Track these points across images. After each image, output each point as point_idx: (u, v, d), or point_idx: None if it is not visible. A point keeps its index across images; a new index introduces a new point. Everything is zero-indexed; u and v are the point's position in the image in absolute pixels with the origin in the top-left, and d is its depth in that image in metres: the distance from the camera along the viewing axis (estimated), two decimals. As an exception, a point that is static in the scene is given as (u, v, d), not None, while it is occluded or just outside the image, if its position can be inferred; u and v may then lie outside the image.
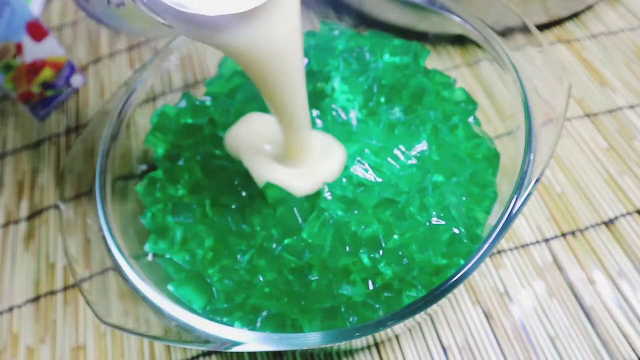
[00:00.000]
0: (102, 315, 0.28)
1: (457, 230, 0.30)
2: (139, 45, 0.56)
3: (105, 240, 0.30)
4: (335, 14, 0.45)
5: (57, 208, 0.45)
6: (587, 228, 0.38)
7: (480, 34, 0.35)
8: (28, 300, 0.41)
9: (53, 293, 0.41)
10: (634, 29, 0.48)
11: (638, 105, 0.43)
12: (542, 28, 0.49)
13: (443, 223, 0.30)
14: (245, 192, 0.34)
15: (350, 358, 0.35)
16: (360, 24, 0.45)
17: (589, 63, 0.47)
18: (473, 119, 0.36)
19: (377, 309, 0.28)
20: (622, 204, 0.38)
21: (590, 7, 0.50)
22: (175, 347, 0.36)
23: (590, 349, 0.33)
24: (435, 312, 0.35)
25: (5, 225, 0.45)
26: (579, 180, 0.40)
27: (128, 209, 0.35)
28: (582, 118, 0.43)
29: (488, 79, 0.37)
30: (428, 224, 0.30)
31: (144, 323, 0.27)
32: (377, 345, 0.35)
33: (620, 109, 0.43)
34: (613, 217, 0.38)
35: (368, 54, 0.39)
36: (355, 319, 0.28)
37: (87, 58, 0.56)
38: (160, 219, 0.35)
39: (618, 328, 0.33)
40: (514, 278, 0.36)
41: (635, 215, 0.38)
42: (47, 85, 0.50)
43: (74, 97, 0.53)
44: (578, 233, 0.38)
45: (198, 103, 0.40)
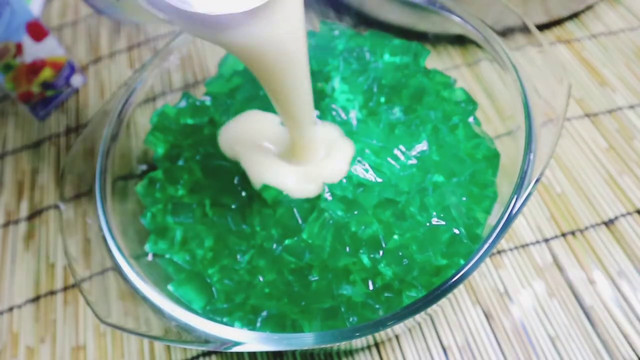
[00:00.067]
0: (102, 315, 0.28)
1: (457, 231, 0.30)
2: (139, 45, 0.56)
3: (105, 240, 0.30)
4: (335, 14, 0.46)
5: (57, 208, 0.45)
6: (587, 228, 0.38)
7: (480, 34, 0.35)
8: (28, 300, 0.41)
9: (53, 293, 0.41)
10: (634, 29, 0.48)
11: (638, 105, 0.43)
12: (542, 28, 0.49)
13: (443, 223, 0.30)
14: (245, 192, 0.34)
15: (350, 358, 0.35)
16: (360, 24, 0.45)
17: (589, 63, 0.47)
18: (473, 119, 0.36)
19: (377, 309, 0.28)
20: (622, 204, 0.38)
21: (590, 7, 0.50)
22: (175, 347, 0.36)
23: (590, 349, 0.33)
24: (435, 312, 0.35)
25: (5, 225, 0.45)
26: (579, 180, 0.40)
27: (128, 209, 0.35)
28: (582, 118, 0.43)
29: (488, 79, 0.37)
30: (428, 224, 0.30)
31: (144, 323, 0.27)
32: (377, 345, 0.35)
33: (620, 109, 0.43)
34: (613, 217, 0.38)
35: (368, 54, 0.39)
36: (355, 319, 0.28)
37: (87, 58, 0.56)
38: (160, 219, 0.35)
39: (618, 328, 0.33)
40: (514, 278, 0.36)
41: (635, 215, 0.38)
42: (47, 85, 0.50)
43: (74, 97, 0.53)
44: (578, 233, 0.38)
45: (198, 103, 0.40)
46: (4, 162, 0.50)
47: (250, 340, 0.25)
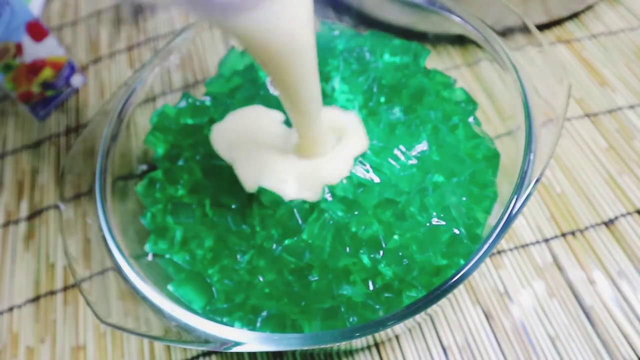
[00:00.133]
0: (102, 315, 0.28)
1: (457, 231, 0.30)
2: (139, 45, 0.56)
3: (105, 240, 0.30)
4: (335, 14, 0.45)
5: (57, 208, 0.45)
6: (587, 228, 0.38)
7: (480, 34, 0.35)
8: (28, 300, 0.41)
9: (53, 293, 0.41)
10: (634, 29, 0.48)
11: (638, 105, 0.43)
12: (542, 28, 0.49)
13: (443, 223, 0.30)
14: (245, 192, 0.34)
15: (350, 358, 0.35)
16: (360, 24, 0.45)
17: (589, 63, 0.47)
18: (473, 119, 0.36)
19: (377, 310, 0.28)
20: (622, 204, 0.38)
21: (590, 7, 0.50)
22: (175, 347, 0.36)
23: (590, 349, 0.33)
24: (435, 312, 0.35)
25: (5, 225, 0.45)
26: (579, 180, 0.40)
27: (128, 209, 0.35)
28: (582, 118, 0.43)
29: (488, 79, 0.37)
30: (428, 225, 0.30)
31: (144, 323, 0.27)
32: (377, 345, 0.35)
33: (620, 109, 0.43)
34: (613, 217, 0.38)
35: (368, 54, 0.39)
36: (355, 319, 0.28)
37: (87, 58, 0.56)
38: (160, 219, 0.35)
39: (618, 328, 0.33)
40: (514, 278, 0.36)
41: (635, 215, 0.38)
42: (47, 85, 0.50)
43: (74, 97, 0.53)
44: (578, 233, 0.38)
45: (198, 103, 0.40)
46: (4, 162, 0.50)
47: (250, 340, 0.25)
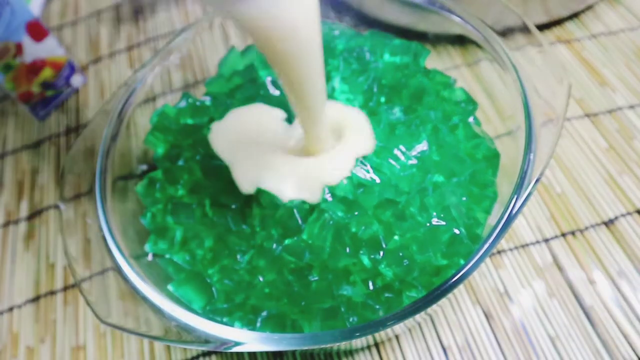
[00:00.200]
0: (102, 315, 0.28)
1: (457, 231, 0.30)
2: (139, 45, 0.56)
3: (105, 240, 0.30)
4: (335, 14, 0.45)
5: (57, 208, 0.45)
6: (587, 228, 0.38)
7: (480, 34, 0.35)
8: (28, 300, 0.41)
9: (53, 293, 0.41)
10: (634, 29, 0.48)
11: (638, 105, 0.43)
12: (542, 28, 0.49)
13: (443, 224, 0.30)
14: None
15: (350, 358, 0.35)
16: (360, 24, 0.45)
17: (589, 63, 0.47)
18: (473, 119, 0.36)
19: (377, 310, 0.28)
20: (622, 204, 0.38)
21: (590, 7, 0.50)
22: (175, 347, 0.36)
23: (590, 349, 0.33)
24: (435, 312, 0.35)
25: (5, 225, 0.45)
26: (579, 180, 0.40)
27: (128, 209, 0.35)
28: (582, 118, 0.43)
29: (488, 79, 0.37)
30: (428, 225, 0.30)
31: (144, 323, 0.27)
32: (377, 345, 0.35)
33: (620, 109, 0.43)
34: (613, 217, 0.38)
35: (368, 54, 0.39)
36: (355, 319, 0.28)
37: (87, 58, 0.56)
38: (160, 219, 0.35)
39: (618, 328, 0.33)
40: (514, 278, 0.36)
41: (635, 215, 0.38)
42: (47, 85, 0.50)
43: (74, 97, 0.53)
44: (578, 233, 0.38)
45: (198, 103, 0.40)
46: (4, 162, 0.50)
47: (250, 340, 0.25)
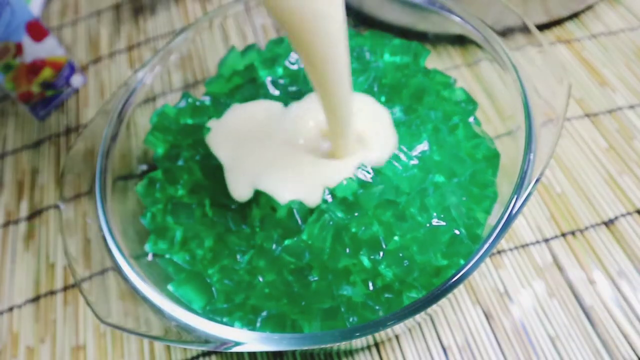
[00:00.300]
0: (102, 315, 0.28)
1: (457, 231, 0.30)
2: (139, 45, 0.56)
3: (105, 240, 0.30)
4: (335, 14, 0.45)
5: (57, 208, 0.45)
6: (587, 228, 0.38)
7: (480, 34, 0.35)
8: (28, 300, 0.41)
9: (53, 293, 0.41)
10: (634, 29, 0.48)
11: (638, 105, 0.43)
12: (542, 28, 0.49)
13: (443, 224, 0.30)
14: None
15: (350, 358, 0.35)
16: (360, 24, 0.45)
17: (589, 63, 0.47)
18: (473, 119, 0.36)
19: (377, 310, 0.28)
20: (622, 204, 0.38)
21: (590, 7, 0.50)
22: (175, 347, 0.36)
23: (590, 349, 0.33)
24: (435, 312, 0.35)
25: (5, 225, 0.45)
26: (579, 180, 0.40)
27: (128, 209, 0.35)
28: (582, 118, 0.43)
29: (488, 79, 0.37)
30: (428, 225, 0.30)
31: (144, 323, 0.27)
32: (377, 345, 0.35)
33: (620, 109, 0.43)
34: (613, 217, 0.38)
35: (368, 54, 0.39)
36: (355, 320, 0.28)
37: (87, 58, 0.56)
38: (160, 219, 0.35)
39: (618, 328, 0.33)
40: (514, 278, 0.36)
41: (635, 215, 0.38)
42: (47, 85, 0.50)
43: (74, 97, 0.53)
44: (578, 233, 0.38)
45: (198, 103, 0.40)
46: (4, 162, 0.50)
47: (250, 340, 0.25)
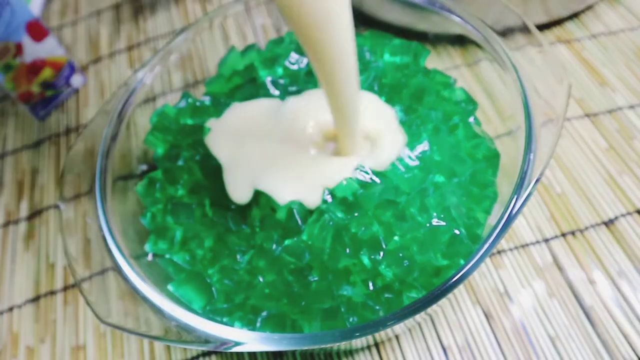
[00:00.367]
0: (102, 315, 0.28)
1: (457, 231, 0.30)
2: (139, 45, 0.56)
3: (105, 240, 0.30)
4: (335, 14, 0.45)
5: (57, 208, 0.45)
6: (587, 228, 0.38)
7: (480, 34, 0.35)
8: (28, 300, 0.41)
9: (53, 293, 0.41)
10: (634, 29, 0.48)
11: (638, 105, 0.43)
12: (542, 28, 0.49)
13: (443, 224, 0.30)
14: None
15: (350, 358, 0.35)
16: (360, 24, 0.45)
17: (589, 63, 0.47)
18: (473, 119, 0.36)
19: (377, 310, 0.28)
20: (622, 204, 0.38)
21: (590, 7, 0.50)
22: (175, 347, 0.36)
23: (590, 349, 0.33)
24: (435, 312, 0.35)
25: (5, 225, 0.45)
26: (579, 180, 0.40)
27: (128, 209, 0.35)
28: (582, 118, 0.43)
29: (488, 79, 0.37)
30: (428, 225, 0.30)
31: (144, 323, 0.27)
32: (377, 345, 0.35)
33: (620, 109, 0.43)
34: (613, 217, 0.38)
35: (368, 54, 0.39)
36: (355, 320, 0.28)
37: (87, 58, 0.56)
38: (160, 219, 0.35)
39: (618, 328, 0.33)
40: (514, 278, 0.36)
41: (635, 215, 0.38)
42: (47, 85, 0.50)
43: (74, 97, 0.53)
44: (578, 233, 0.38)
45: (198, 103, 0.40)
46: (4, 162, 0.50)
47: (250, 340, 0.25)
